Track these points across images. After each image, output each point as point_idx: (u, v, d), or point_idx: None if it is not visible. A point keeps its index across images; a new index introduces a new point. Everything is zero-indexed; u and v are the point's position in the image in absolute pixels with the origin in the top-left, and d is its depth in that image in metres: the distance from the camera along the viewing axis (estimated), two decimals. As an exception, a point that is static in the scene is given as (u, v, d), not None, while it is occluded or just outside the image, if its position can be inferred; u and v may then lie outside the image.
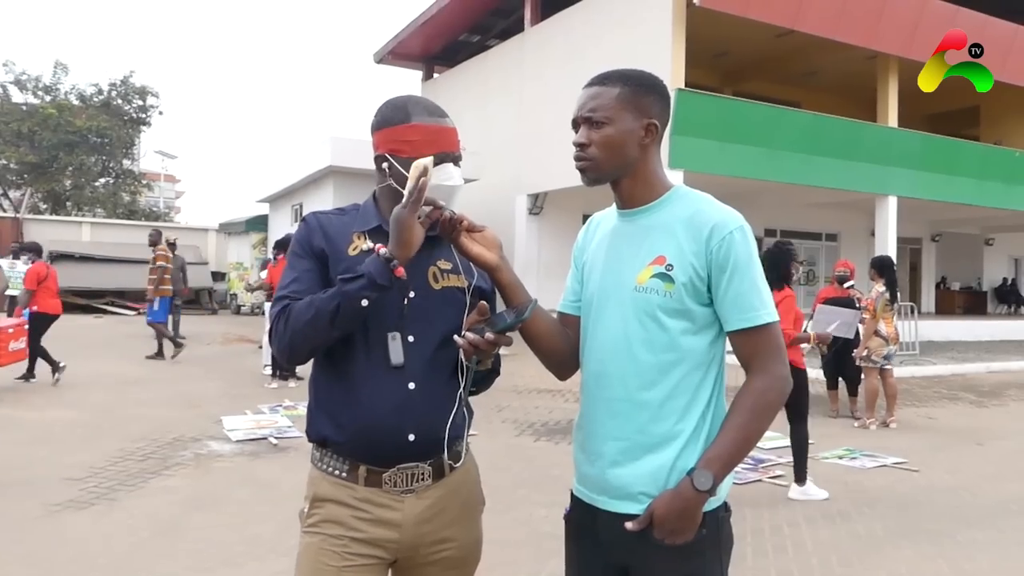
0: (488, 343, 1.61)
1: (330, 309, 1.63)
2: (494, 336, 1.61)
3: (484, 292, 1.87)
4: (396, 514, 1.73)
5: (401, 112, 1.80)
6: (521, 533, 4.44)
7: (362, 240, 1.78)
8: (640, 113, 1.71)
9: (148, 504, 4.88)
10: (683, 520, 1.59)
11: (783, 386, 1.66)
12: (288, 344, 1.69)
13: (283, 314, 1.69)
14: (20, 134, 29.26)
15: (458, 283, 1.82)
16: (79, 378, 9.62)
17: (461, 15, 20.06)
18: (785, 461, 6.34)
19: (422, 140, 1.76)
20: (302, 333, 1.66)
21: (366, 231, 1.80)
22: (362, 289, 1.62)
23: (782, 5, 14.26)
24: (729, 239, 1.64)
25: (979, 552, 4.41)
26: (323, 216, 1.84)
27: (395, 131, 1.79)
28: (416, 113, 1.79)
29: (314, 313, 1.64)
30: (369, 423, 1.70)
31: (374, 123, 1.84)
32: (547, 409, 8.49)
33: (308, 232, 1.80)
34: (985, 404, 9.94)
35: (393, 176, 1.78)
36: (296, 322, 1.66)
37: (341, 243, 1.78)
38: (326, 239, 1.78)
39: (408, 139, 1.76)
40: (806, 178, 15.55)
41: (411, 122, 1.78)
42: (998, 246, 26.51)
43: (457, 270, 1.83)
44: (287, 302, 1.71)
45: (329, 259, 1.76)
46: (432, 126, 1.79)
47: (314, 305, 1.65)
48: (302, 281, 1.74)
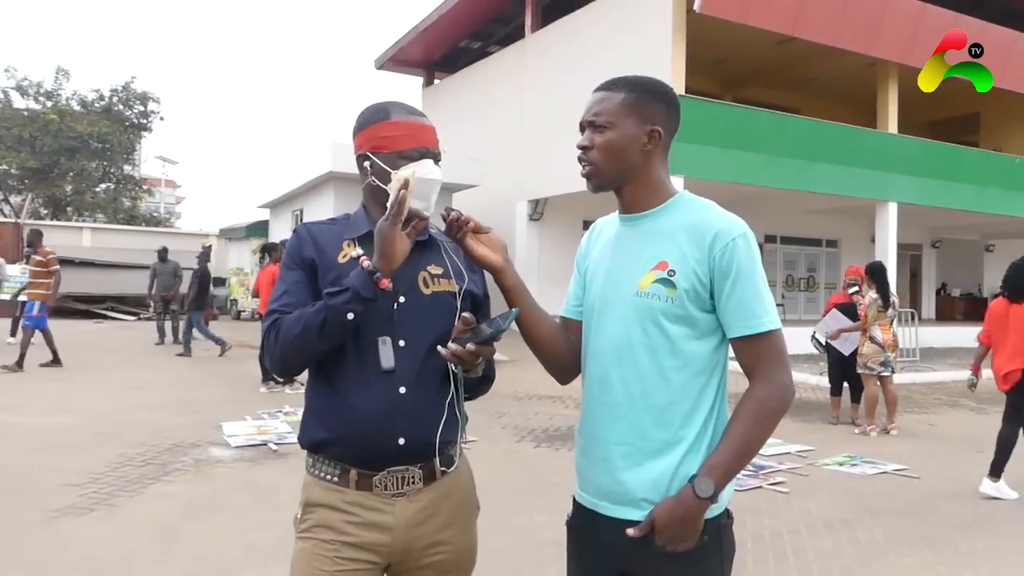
0: (470, 354, 1.63)
1: (317, 323, 1.65)
2: (475, 347, 1.63)
3: (475, 297, 1.89)
4: (387, 517, 1.74)
5: (381, 112, 1.84)
6: (521, 540, 4.43)
7: (352, 247, 1.81)
8: (644, 119, 1.72)
9: (147, 510, 4.87)
10: (684, 527, 1.59)
11: (785, 394, 1.65)
12: (280, 358, 1.73)
13: (273, 328, 1.72)
14: (21, 139, 29.31)
15: (449, 288, 1.83)
16: (79, 383, 9.62)
17: (462, 22, 20.10)
18: (786, 467, 6.34)
19: (401, 135, 1.79)
20: (292, 347, 1.69)
21: (356, 237, 1.82)
22: (347, 303, 1.64)
23: (782, 12, 14.28)
24: (732, 246, 1.64)
25: (980, 560, 4.40)
26: (314, 227, 1.87)
27: (375, 128, 1.82)
28: (395, 111, 1.83)
29: (302, 327, 1.67)
30: (359, 427, 1.71)
31: (355, 126, 1.87)
32: (547, 415, 8.48)
33: (299, 243, 1.83)
34: (986, 411, 9.92)
35: (375, 173, 1.80)
36: (286, 336, 1.69)
37: (331, 252, 1.80)
38: (316, 249, 1.80)
39: (388, 135, 1.79)
40: (806, 184, 15.56)
41: (390, 119, 1.81)
42: (998, 252, 26.48)
43: (448, 275, 1.84)
44: (277, 316, 1.73)
45: (319, 268, 1.78)
46: (411, 122, 1.82)
47: (303, 319, 1.67)
48: (292, 294, 1.76)
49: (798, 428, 8.05)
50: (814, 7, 14.52)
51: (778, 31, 14.65)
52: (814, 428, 8.29)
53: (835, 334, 8.26)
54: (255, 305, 20.12)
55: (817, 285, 22.01)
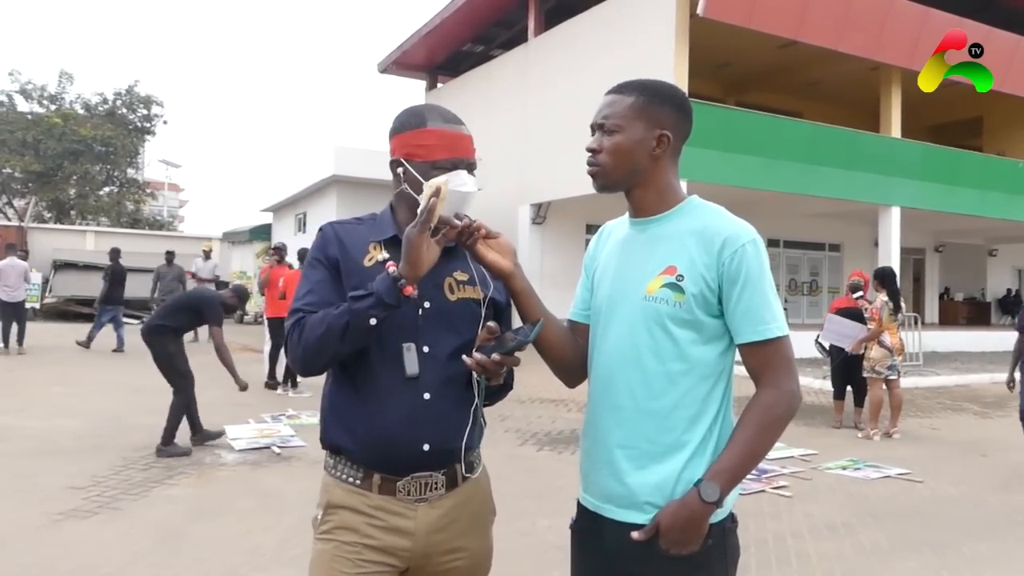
0: (495, 364, 1.63)
1: (340, 326, 1.64)
2: (500, 357, 1.63)
3: (499, 305, 1.87)
4: (409, 522, 1.73)
5: (417, 118, 1.81)
6: (524, 544, 4.43)
7: (378, 251, 1.79)
8: (653, 123, 1.72)
9: (151, 513, 4.87)
10: (689, 531, 1.59)
11: (792, 400, 1.65)
12: (301, 357, 1.71)
13: (297, 327, 1.71)
14: (25, 143, 29.38)
15: (474, 295, 1.82)
16: (82, 387, 9.64)
17: (465, 25, 20.11)
18: (789, 471, 6.33)
19: (436, 144, 1.76)
20: (314, 348, 1.68)
21: (382, 241, 1.81)
22: (370, 308, 1.63)
23: (785, 16, 14.29)
24: (741, 252, 1.64)
25: (983, 564, 4.39)
26: (339, 226, 1.85)
27: (410, 135, 1.79)
28: (432, 119, 1.80)
29: (325, 329, 1.65)
30: (384, 433, 1.70)
31: (391, 129, 1.85)
32: (550, 419, 8.48)
33: (324, 241, 1.81)
34: (989, 415, 9.91)
35: (407, 181, 1.78)
36: (309, 336, 1.68)
37: (357, 254, 1.78)
38: (341, 249, 1.79)
39: (422, 143, 1.76)
40: (809, 188, 15.56)
41: (426, 127, 1.79)
42: (1002, 257, 26.47)
43: (473, 282, 1.83)
44: (301, 315, 1.72)
45: (343, 270, 1.76)
46: (447, 131, 1.79)
47: (326, 321, 1.66)
48: (316, 292, 1.75)
49: (801, 432, 8.03)
50: (817, 11, 14.53)
51: (781, 35, 14.65)
52: (817, 432, 8.27)
53: (856, 347, 8.18)
54: (260, 308, 20.13)
55: (820, 289, 21.99)
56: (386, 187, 1.92)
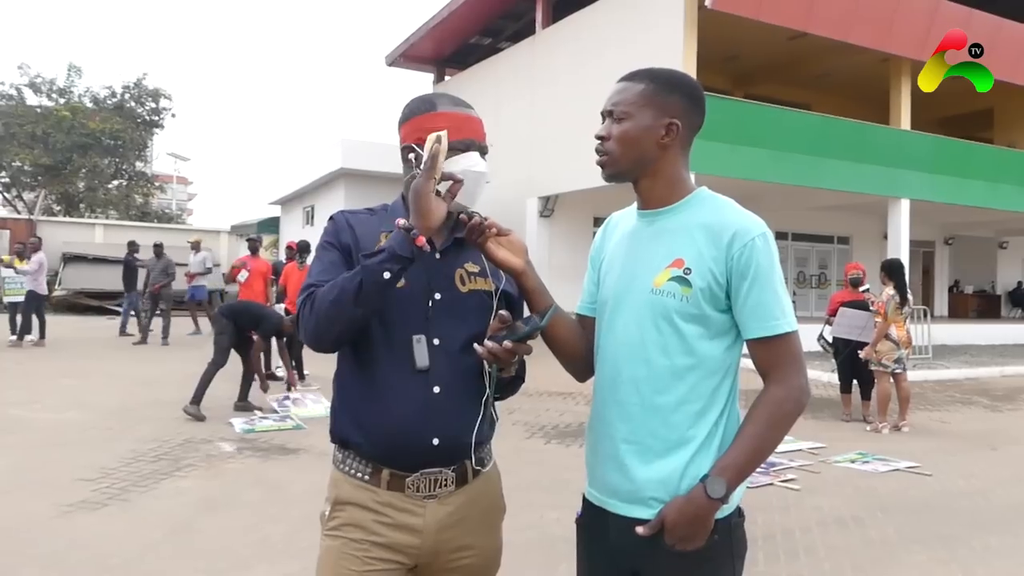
0: (507, 352, 1.61)
1: (353, 286, 1.59)
2: (512, 345, 1.61)
3: (511, 297, 1.85)
4: (418, 520, 1.71)
5: (427, 103, 1.81)
6: (531, 536, 4.44)
7: None
8: (661, 112, 1.69)
9: (160, 505, 4.90)
10: (694, 527, 1.58)
11: (800, 397, 1.64)
12: (314, 327, 1.66)
13: (308, 300, 1.67)
14: (34, 136, 29.45)
15: (485, 287, 1.80)
16: (91, 379, 9.68)
17: (472, 18, 20.08)
18: (797, 465, 6.32)
19: (447, 127, 1.73)
20: (327, 314, 1.63)
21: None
22: (383, 262, 1.58)
23: (794, 8, 14.21)
24: (751, 246, 1.61)
25: (993, 558, 4.38)
26: (351, 215, 1.84)
27: (421, 120, 1.78)
28: (442, 103, 1.80)
29: (338, 292, 1.61)
30: (393, 426, 1.68)
31: (401, 117, 1.84)
32: (558, 412, 8.48)
33: (336, 228, 1.80)
34: (999, 408, 9.87)
35: (419, 165, 1.75)
36: (321, 304, 1.63)
37: (368, 243, 1.75)
38: (353, 238, 1.77)
39: (433, 126, 1.73)
40: (818, 181, 15.50)
41: (437, 111, 1.78)
42: (1012, 249, 26.35)
43: (485, 273, 1.81)
44: (312, 289, 1.68)
45: (354, 257, 1.73)
46: (458, 114, 1.78)
47: (338, 285, 1.62)
48: (328, 272, 1.71)
49: (809, 425, 8.01)
50: (826, 3, 14.45)
51: (790, 27, 14.58)
52: (826, 425, 8.25)
53: (869, 352, 8.12)
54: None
55: (829, 282, 21.91)
56: (394, 180, 1.92)
